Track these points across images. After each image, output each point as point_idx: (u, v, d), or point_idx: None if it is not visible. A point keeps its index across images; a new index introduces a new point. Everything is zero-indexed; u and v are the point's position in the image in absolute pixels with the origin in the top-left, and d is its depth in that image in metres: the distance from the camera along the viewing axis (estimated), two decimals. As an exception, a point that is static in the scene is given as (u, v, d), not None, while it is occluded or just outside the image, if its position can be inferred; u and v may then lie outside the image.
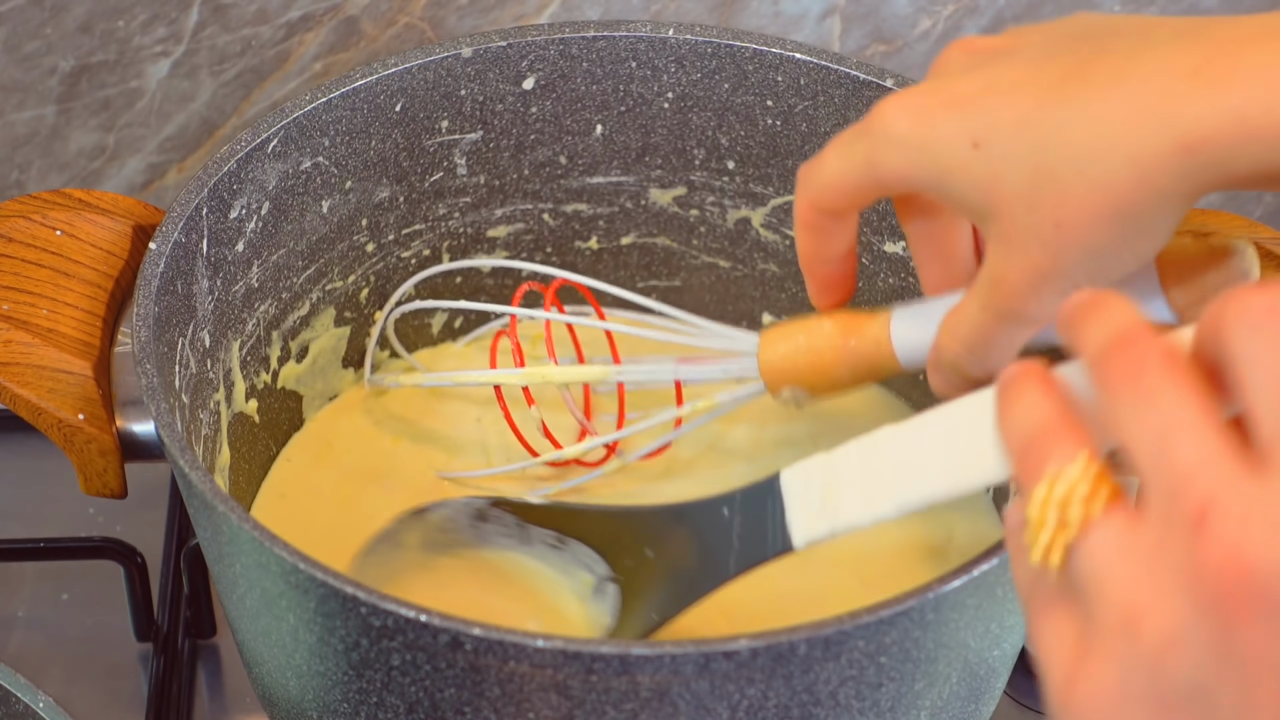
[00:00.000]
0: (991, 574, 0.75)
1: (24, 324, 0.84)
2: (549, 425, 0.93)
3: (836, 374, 0.82)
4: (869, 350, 0.81)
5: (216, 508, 0.76)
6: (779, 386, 0.83)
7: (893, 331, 0.80)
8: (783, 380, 0.83)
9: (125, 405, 0.84)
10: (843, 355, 0.81)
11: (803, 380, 0.83)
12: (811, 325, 0.82)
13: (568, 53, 0.95)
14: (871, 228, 0.96)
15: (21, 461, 1.06)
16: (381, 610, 0.72)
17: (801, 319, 0.83)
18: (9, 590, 1.01)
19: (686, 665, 0.71)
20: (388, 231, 0.97)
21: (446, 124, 0.95)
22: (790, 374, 0.83)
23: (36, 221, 0.87)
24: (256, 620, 0.80)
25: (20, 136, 1.12)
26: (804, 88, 0.94)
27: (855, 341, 0.81)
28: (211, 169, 0.87)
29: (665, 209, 1.00)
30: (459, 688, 0.74)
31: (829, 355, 0.82)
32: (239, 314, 0.91)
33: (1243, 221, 0.88)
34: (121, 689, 0.97)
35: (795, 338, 0.83)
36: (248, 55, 1.10)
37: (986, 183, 0.69)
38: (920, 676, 0.77)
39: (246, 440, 0.93)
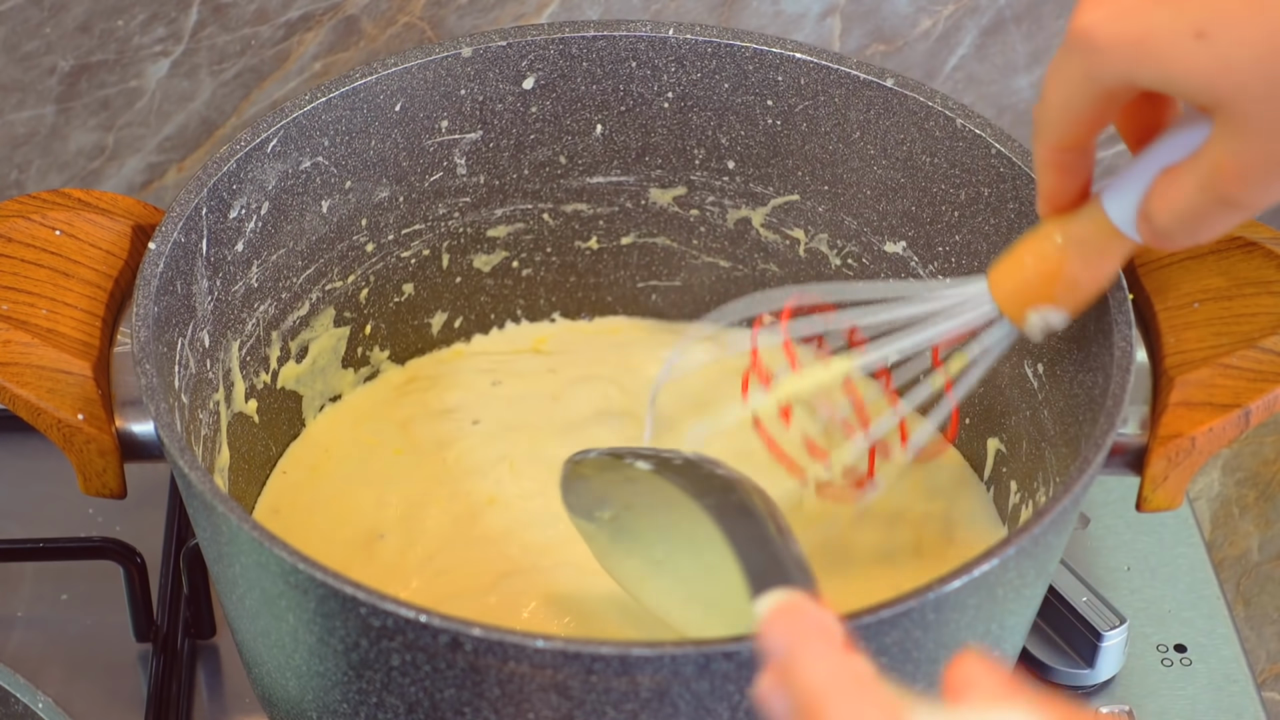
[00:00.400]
0: (992, 575, 0.75)
1: (23, 324, 0.84)
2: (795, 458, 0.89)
3: (1070, 273, 0.79)
4: (1092, 236, 0.78)
5: (216, 508, 0.76)
6: (1022, 311, 0.80)
7: (1107, 208, 0.78)
8: (1024, 304, 0.80)
9: (125, 405, 0.84)
10: (1069, 252, 0.79)
11: (1040, 294, 0.80)
12: (1028, 242, 0.80)
13: (568, 52, 0.95)
14: (871, 228, 0.96)
15: (21, 461, 1.06)
16: (381, 610, 0.72)
17: (1015, 244, 0.81)
18: (9, 590, 1.01)
19: (686, 665, 0.71)
20: (387, 231, 0.97)
21: (446, 124, 0.95)
22: (1027, 293, 0.80)
23: (36, 221, 0.87)
24: (256, 620, 0.80)
25: (20, 136, 1.12)
26: (804, 87, 0.94)
27: (1075, 230, 0.78)
28: (211, 169, 0.87)
29: (665, 209, 1.00)
30: (459, 688, 0.74)
31: (1055, 258, 0.79)
32: (238, 314, 0.91)
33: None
34: (121, 689, 0.97)
35: (1015, 258, 0.80)
36: (247, 55, 1.10)
37: (1216, 73, 0.67)
38: (921, 677, 0.77)
39: (246, 440, 0.93)
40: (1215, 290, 0.86)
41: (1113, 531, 1.04)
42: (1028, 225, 0.88)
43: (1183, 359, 0.84)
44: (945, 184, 0.92)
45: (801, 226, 0.98)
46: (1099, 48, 0.69)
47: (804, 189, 0.97)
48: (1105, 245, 0.78)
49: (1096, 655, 0.95)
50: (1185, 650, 0.99)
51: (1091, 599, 0.96)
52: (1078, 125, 0.73)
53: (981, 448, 0.95)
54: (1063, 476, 0.84)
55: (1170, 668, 0.98)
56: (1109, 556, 1.03)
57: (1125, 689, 0.97)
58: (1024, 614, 0.82)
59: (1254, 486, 1.32)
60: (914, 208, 0.94)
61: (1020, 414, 0.91)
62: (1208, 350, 0.84)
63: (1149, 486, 0.84)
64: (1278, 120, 0.67)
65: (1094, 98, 0.72)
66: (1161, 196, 0.74)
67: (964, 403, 0.95)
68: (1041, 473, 0.89)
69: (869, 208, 0.95)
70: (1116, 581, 1.01)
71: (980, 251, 0.92)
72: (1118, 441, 0.83)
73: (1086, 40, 0.69)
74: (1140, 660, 0.98)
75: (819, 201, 0.97)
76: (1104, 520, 1.04)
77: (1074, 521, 0.82)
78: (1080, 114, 0.73)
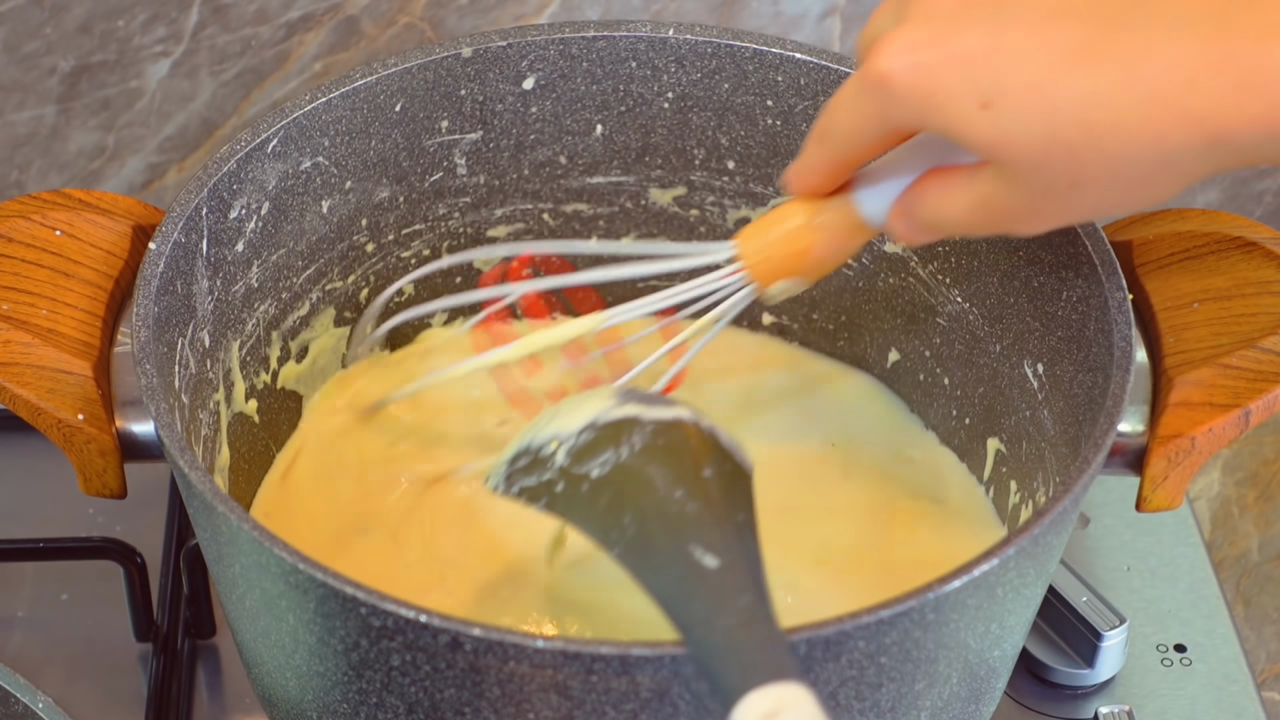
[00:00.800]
0: (992, 574, 0.75)
1: (24, 324, 0.84)
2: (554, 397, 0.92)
3: (817, 253, 0.83)
4: (840, 224, 0.82)
5: (216, 508, 0.76)
6: (770, 280, 0.84)
7: (859, 200, 0.81)
8: (772, 275, 0.84)
9: (125, 405, 0.84)
10: (818, 235, 0.82)
11: (788, 268, 0.84)
12: (779, 213, 0.83)
13: (568, 53, 0.95)
14: (872, 228, 0.96)
15: (21, 461, 1.06)
16: (381, 611, 0.72)
17: (769, 213, 0.84)
18: (9, 590, 1.01)
19: (686, 665, 0.71)
20: (387, 231, 0.97)
21: (446, 124, 0.95)
22: (777, 265, 0.84)
23: (36, 221, 0.87)
24: (256, 621, 0.80)
25: (20, 136, 1.12)
26: (804, 88, 0.94)
27: (827, 218, 0.82)
28: (211, 169, 0.87)
29: (665, 209, 1.00)
30: (459, 688, 0.74)
31: (804, 237, 0.83)
32: (239, 314, 0.91)
33: (1244, 221, 0.88)
34: (121, 689, 0.97)
35: (769, 229, 0.84)
36: (247, 55, 1.10)
37: (996, 140, 0.71)
38: (920, 677, 0.77)
39: (246, 440, 0.93)
40: (1215, 290, 0.86)
41: (1112, 531, 1.04)
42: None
43: (1182, 359, 0.84)
44: (945, 184, 0.92)
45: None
46: (894, 95, 0.73)
47: (804, 189, 0.97)
48: (853, 233, 0.82)
49: (1096, 655, 0.95)
50: (1185, 650, 0.99)
51: (1091, 599, 0.96)
52: (862, 150, 0.77)
53: (981, 448, 0.95)
54: (1063, 476, 0.84)
55: (1170, 668, 0.98)
56: (1109, 556, 1.03)
57: (1125, 689, 0.97)
58: (1024, 614, 0.82)
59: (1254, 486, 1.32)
60: (914, 208, 0.94)
61: (1020, 414, 0.91)
62: (1207, 350, 0.84)
63: (1149, 486, 0.84)
64: (1046, 186, 0.71)
65: (883, 133, 0.75)
66: (932, 199, 0.77)
67: (964, 402, 0.95)
68: (1041, 473, 0.89)
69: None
70: (1116, 581, 1.01)
71: (980, 251, 0.92)
72: (1117, 441, 0.83)
73: (883, 85, 0.73)
74: (1140, 660, 0.98)
75: (819, 201, 0.97)
76: (1104, 520, 1.04)
77: (1074, 521, 0.82)
78: (867, 143, 0.76)
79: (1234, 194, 1.21)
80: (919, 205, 0.78)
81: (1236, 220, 0.88)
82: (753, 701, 0.68)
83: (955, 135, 0.72)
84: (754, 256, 0.84)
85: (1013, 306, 0.91)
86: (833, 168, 0.79)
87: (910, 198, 0.78)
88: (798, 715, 0.67)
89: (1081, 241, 0.85)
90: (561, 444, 0.79)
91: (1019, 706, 0.96)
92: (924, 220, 0.78)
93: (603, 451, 0.78)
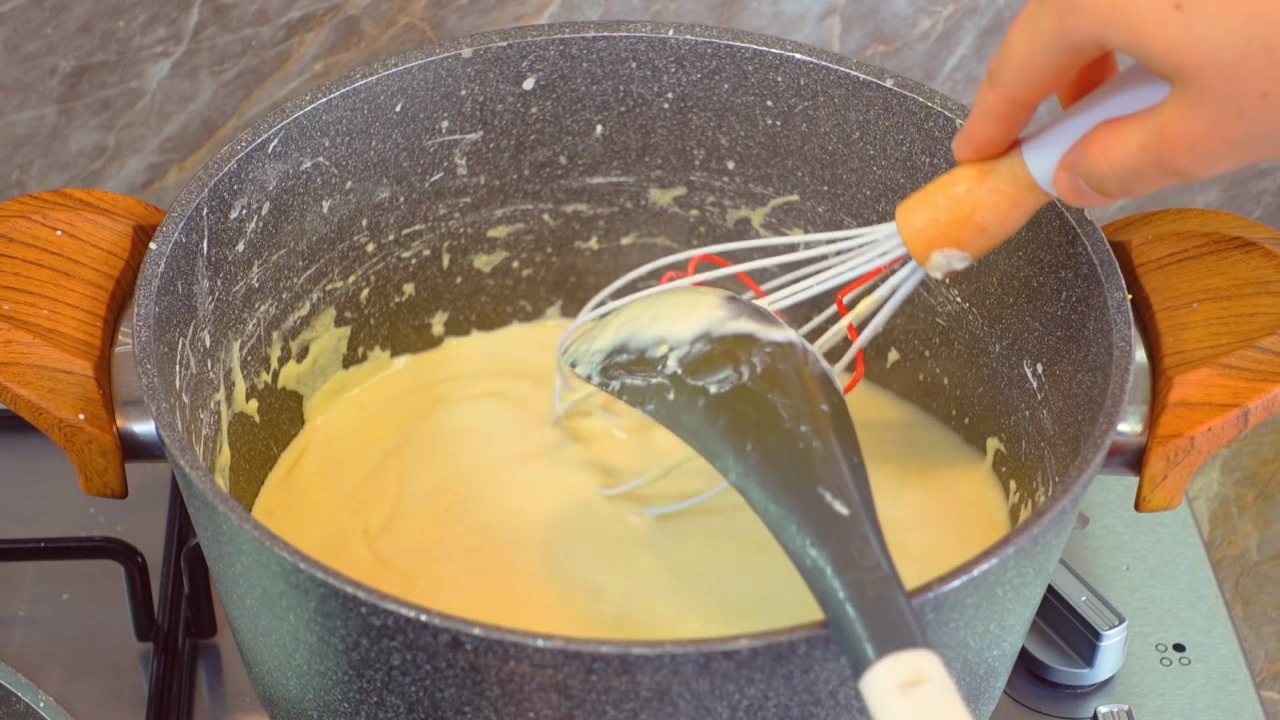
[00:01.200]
0: (991, 574, 0.75)
1: (25, 324, 0.84)
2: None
3: (981, 219, 0.80)
4: (1008, 186, 0.79)
5: (217, 508, 0.76)
6: (928, 252, 0.81)
7: (1027, 159, 0.79)
8: (930, 245, 0.81)
9: (126, 405, 0.84)
10: (983, 197, 0.79)
11: (949, 238, 0.80)
12: (943, 182, 0.80)
13: (568, 53, 0.95)
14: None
15: (22, 461, 1.06)
16: (382, 610, 0.72)
17: (932, 182, 0.81)
18: (10, 590, 1.01)
19: (686, 665, 0.71)
20: (388, 232, 0.97)
21: (447, 124, 0.95)
22: (936, 235, 0.81)
23: (37, 222, 0.87)
24: (257, 620, 0.80)
25: (21, 136, 1.12)
26: (804, 88, 0.94)
27: (993, 180, 0.79)
28: (212, 169, 0.87)
29: (665, 209, 1.00)
30: (459, 687, 0.74)
31: (968, 203, 0.80)
32: (239, 314, 0.91)
33: (1243, 221, 0.89)
34: (122, 689, 0.97)
35: (930, 198, 0.81)
36: (248, 55, 1.10)
37: (1187, 45, 0.68)
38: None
39: (247, 440, 0.93)
40: (1214, 290, 0.86)
41: (1112, 531, 1.04)
42: (1026, 225, 0.88)
43: (1182, 359, 0.84)
44: (945, 184, 0.92)
45: (801, 227, 0.98)
46: (1077, 6, 0.70)
47: (803, 189, 0.97)
48: (1021, 197, 0.79)
49: (1096, 654, 0.96)
50: (1184, 650, 0.99)
51: (1091, 598, 0.96)
52: (1039, 79, 0.74)
53: (981, 448, 0.95)
54: (1062, 476, 0.84)
55: (1169, 667, 0.98)
56: (1108, 556, 1.03)
57: (1124, 688, 0.97)
58: (1023, 613, 0.83)
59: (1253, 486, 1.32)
60: (913, 208, 0.94)
61: (1020, 414, 0.91)
62: (1206, 350, 0.84)
63: (1148, 486, 0.84)
64: (1235, 99, 0.68)
65: (1062, 53, 0.72)
66: (1101, 147, 0.74)
67: (964, 402, 0.96)
68: (1041, 473, 0.89)
69: (868, 208, 0.95)
70: (1115, 581, 1.01)
71: (980, 252, 0.92)
72: (1117, 441, 0.83)
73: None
74: (1139, 660, 0.98)
75: (818, 202, 0.97)
76: (1103, 520, 1.04)
77: (1073, 521, 0.82)
78: (1044, 68, 0.73)
79: (1233, 194, 1.21)
80: (1086, 154, 0.75)
81: (1236, 220, 0.89)
82: (888, 668, 0.67)
83: (1143, 43, 0.69)
84: (911, 226, 0.81)
85: (1012, 306, 0.91)
86: (1006, 110, 0.76)
87: (1078, 148, 0.75)
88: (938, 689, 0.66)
89: (1081, 241, 0.85)
90: (673, 350, 0.77)
91: (1018, 706, 0.96)
92: (1091, 171, 0.75)
93: (721, 368, 0.75)
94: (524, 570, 0.91)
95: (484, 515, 0.93)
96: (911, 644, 0.68)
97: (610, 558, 0.91)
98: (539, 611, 0.89)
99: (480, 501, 0.94)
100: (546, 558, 0.91)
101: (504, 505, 0.94)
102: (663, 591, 0.90)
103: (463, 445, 0.97)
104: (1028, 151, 0.78)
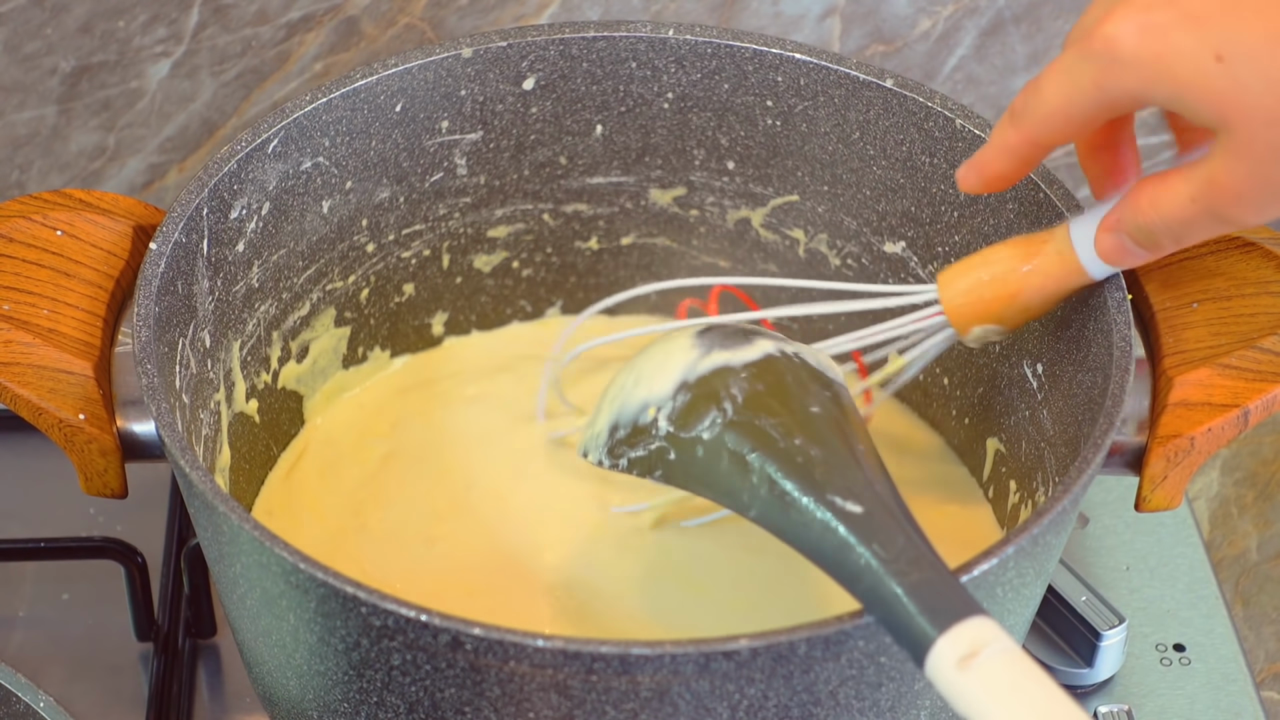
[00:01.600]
0: (991, 574, 0.75)
1: (25, 324, 0.84)
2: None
3: (1025, 299, 0.81)
4: (1053, 266, 0.80)
5: (217, 508, 0.76)
6: (969, 326, 0.82)
7: (1074, 239, 0.80)
8: (973, 319, 0.82)
9: (126, 405, 0.84)
10: (1028, 278, 0.80)
11: (991, 314, 0.81)
12: (989, 256, 0.81)
13: (568, 53, 0.95)
14: (871, 228, 0.96)
15: (22, 461, 1.06)
16: (382, 610, 0.72)
17: (976, 254, 0.82)
18: (10, 590, 1.01)
19: (687, 665, 0.71)
20: (388, 232, 0.97)
21: (447, 124, 0.95)
22: (980, 310, 0.81)
23: (37, 222, 0.87)
24: (257, 620, 0.80)
25: (21, 137, 1.12)
26: (804, 88, 0.94)
27: (1038, 260, 0.80)
28: (212, 169, 0.87)
29: (665, 209, 1.00)
30: (459, 687, 0.74)
31: (1014, 281, 0.81)
32: (239, 314, 0.91)
33: (1242, 222, 0.89)
34: (122, 689, 0.97)
35: (975, 271, 0.81)
36: (248, 55, 1.11)
37: (1229, 96, 0.69)
38: (920, 676, 0.77)
39: (247, 440, 0.93)
40: (1214, 290, 0.86)
41: (1112, 531, 1.04)
42: (1027, 225, 0.88)
43: (1182, 359, 0.84)
44: (945, 184, 0.92)
45: (801, 227, 0.98)
46: (1121, 60, 0.71)
47: (803, 189, 0.97)
48: (1067, 279, 0.80)
49: (1095, 655, 0.96)
50: (1184, 650, 0.99)
51: (1090, 598, 0.96)
52: (1067, 126, 0.75)
53: (981, 448, 0.95)
54: (1062, 477, 0.84)
55: (1169, 667, 0.98)
56: (1108, 556, 1.03)
57: (1124, 688, 0.97)
58: (1023, 613, 0.83)
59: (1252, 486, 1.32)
60: (913, 208, 0.94)
61: (1020, 414, 0.91)
62: (1207, 350, 0.84)
63: (1148, 486, 0.84)
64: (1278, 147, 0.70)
65: (1097, 106, 0.73)
66: (1150, 200, 0.75)
67: (964, 402, 0.96)
68: (1041, 473, 0.89)
69: (868, 208, 0.95)
70: (1115, 581, 1.01)
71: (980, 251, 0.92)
72: (1117, 441, 0.83)
73: (1110, 50, 0.71)
74: (1139, 660, 0.98)
75: (819, 202, 0.97)
76: (1103, 520, 1.04)
77: (1073, 521, 0.82)
78: (1076, 118, 0.74)
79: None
80: (1135, 208, 0.76)
81: (1235, 220, 0.89)
82: (945, 648, 0.67)
83: (1186, 96, 0.70)
84: (956, 300, 0.82)
85: (1012, 307, 0.91)
86: (1026, 150, 0.76)
87: (1123, 205, 0.76)
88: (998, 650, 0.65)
89: (1081, 242, 0.85)
90: (659, 410, 0.77)
91: (1018, 706, 0.96)
92: (1141, 224, 0.76)
93: (705, 412, 0.75)
94: (524, 570, 0.91)
95: (484, 515, 0.93)
96: (965, 613, 0.68)
97: (610, 558, 0.91)
98: (539, 611, 0.89)
99: (480, 501, 0.94)
100: (547, 557, 0.91)
101: (504, 505, 0.94)
102: (663, 592, 0.90)
103: (463, 445, 0.97)
104: (1075, 235, 0.79)
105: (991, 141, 0.78)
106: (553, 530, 0.92)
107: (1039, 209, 0.88)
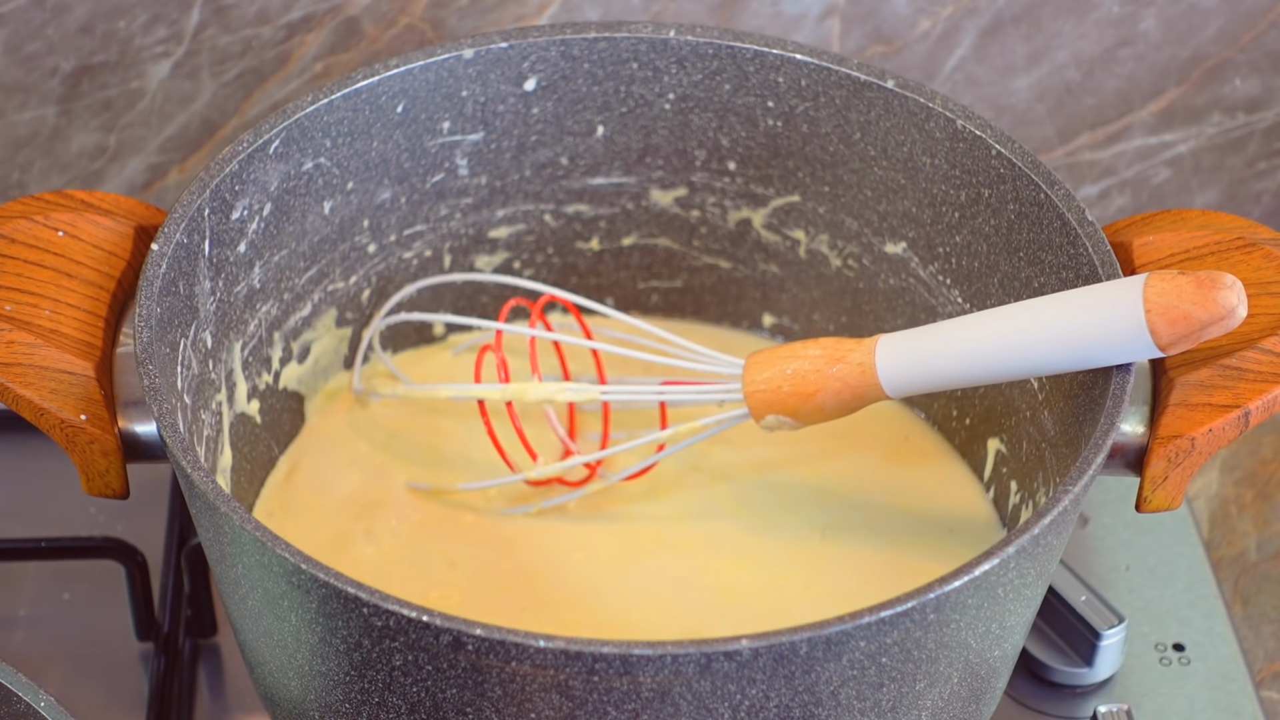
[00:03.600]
0: (992, 574, 0.75)
1: (26, 325, 0.84)
2: (533, 442, 0.92)
3: (820, 401, 0.83)
4: (853, 377, 0.82)
5: (219, 509, 0.76)
6: (764, 413, 0.84)
7: (878, 359, 0.81)
8: (767, 408, 0.83)
9: (127, 406, 0.84)
10: (827, 381, 0.82)
11: (787, 407, 0.83)
12: (798, 351, 0.83)
13: (569, 54, 0.95)
14: (872, 229, 0.96)
15: (23, 461, 1.06)
16: (383, 611, 0.72)
17: (788, 345, 0.84)
18: (10, 590, 1.01)
19: (688, 665, 0.72)
20: (389, 232, 0.97)
21: (448, 125, 0.95)
22: (775, 401, 0.83)
23: (38, 222, 0.87)
24: (258, 620, 0.80)
25: (22, 137, 1.12)
26: (804, 89, 0.94)
27: (840, 368, 0.82)
28: (213, 170, 0.88)
29: (666, 210, 1.00)
30: (460, 688, 0.74)
31: (813, 381, 0.82)
32: (241, 315, 0.91)
33: (1242, 222, 0.89)
34: (122, 688, 0.97)
35: (781, 364, 0.83)
36: (249, 56, 1.11)
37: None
38: (921, 677, 0.77)
39: (248, 441, 0.94)
40: (1215, 291, 0.86)
41: (1112, 531, 1.04)
42: (1027, 226, 0.88)
43: (1182, 359, 0.84)
44: (945, 185, 0.92)
45: (802, 227, 0.98)
46: None
47: (804, 190, 0.97)
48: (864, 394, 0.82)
49: (1095, 654, 0.96)
50: (1184, 649, 0.99)
51: (1090, 598, 0.96)
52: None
53: (981, 448, 0.95)
54: (1063, 477, 0.84)
55: (1169, 667, 0.98)
56: (1108, 556, 1.03)
57: (1124, 688, 0.97)
58: (1024, 614, 0.83)
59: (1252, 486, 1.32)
60: (914, 209, 0.94)
61: (1020, 414, 0.91)
62: (1207, 350, 0.84)
63: (1149, 487, 0.84)
64: None
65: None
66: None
67: (964, 403, 0.96)
68: (1041, 473, 0.89)
69: (869, 209, 0.96)
70: (1115, 581, 1.02)
71: (980, 252, 0.92)
72: (1117, 442, 0.83)
73: None
74: (1139, 659, 0.98)
75: (819, 202, 0.97)
76: (1103, 520, 1.04)
77: (1074, 521, 0.82)
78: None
79: (1233, 194, 1.21)
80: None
81: (1236, 220, 0.89)
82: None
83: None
84: (756, 386, 0.83)
85: (1013, 307, 0.91)
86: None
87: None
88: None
89: (1082, 242, 0.86)
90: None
91: (1018, 705, 0.96)
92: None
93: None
94: (524, 570, 0.91)
95: (486, 515, 0.93)
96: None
97: (611, 558, 0.91)
98: (540, 611, 0.89)
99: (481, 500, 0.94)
100: (547, 556, 0.92)
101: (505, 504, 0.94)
102: (664, 593, 0.90)
103: (463, 444, 0.97)
104: (880, 352, 0.81)
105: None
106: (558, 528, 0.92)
107: (1039, 209, 0.88)
